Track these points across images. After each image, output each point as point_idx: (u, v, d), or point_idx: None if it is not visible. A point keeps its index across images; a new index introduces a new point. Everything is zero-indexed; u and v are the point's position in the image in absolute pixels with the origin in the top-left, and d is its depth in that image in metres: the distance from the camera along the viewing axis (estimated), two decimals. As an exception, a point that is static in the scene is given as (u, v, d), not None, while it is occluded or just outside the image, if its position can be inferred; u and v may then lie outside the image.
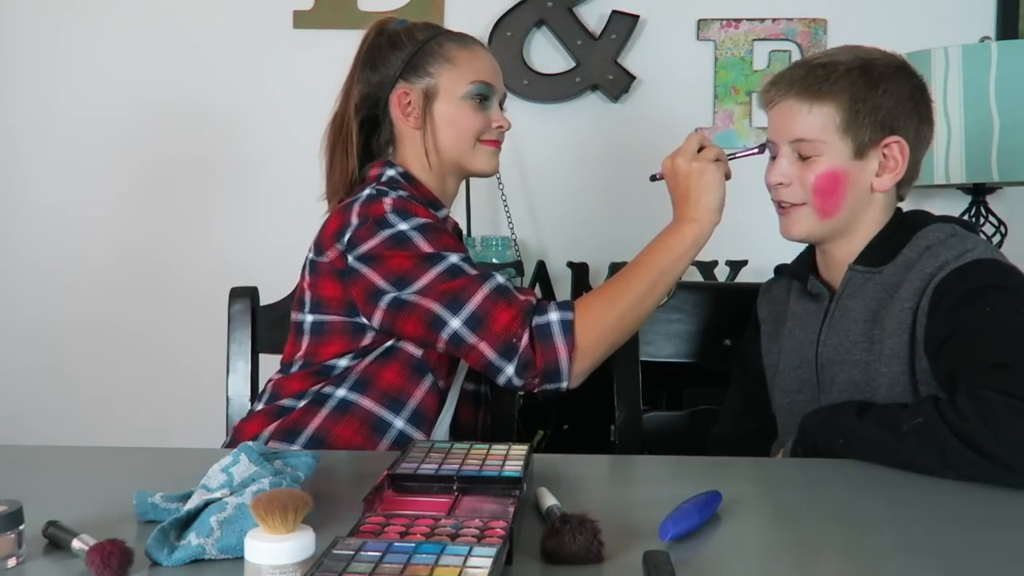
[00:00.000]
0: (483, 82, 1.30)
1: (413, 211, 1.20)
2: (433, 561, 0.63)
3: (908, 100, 1.16)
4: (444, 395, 1.26)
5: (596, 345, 1.15)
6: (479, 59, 1.32)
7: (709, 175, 1.21)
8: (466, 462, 0.87)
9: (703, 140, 1.24)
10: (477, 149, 1.32)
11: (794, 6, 2.21)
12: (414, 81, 1.30)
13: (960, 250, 1.10)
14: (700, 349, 1.53)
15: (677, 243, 1.21)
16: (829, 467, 1.01)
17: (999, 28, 2.19)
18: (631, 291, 1.17)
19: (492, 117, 1.33)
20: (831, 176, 1.16)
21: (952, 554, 0.75)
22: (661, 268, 1.18)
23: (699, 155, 1.23)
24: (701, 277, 2.04)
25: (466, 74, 1.30)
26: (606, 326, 1.15)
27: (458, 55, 1.30)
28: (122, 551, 0.69)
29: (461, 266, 1.17)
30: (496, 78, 1.34)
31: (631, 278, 1.18)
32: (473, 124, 1.30)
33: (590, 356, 1.15)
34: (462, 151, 1.31)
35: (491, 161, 1.34)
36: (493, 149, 1.34)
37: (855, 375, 1.15)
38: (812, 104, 1.15)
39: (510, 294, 1.16)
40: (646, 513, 0.81)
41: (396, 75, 1.30)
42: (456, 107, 1.30)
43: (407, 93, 1.30)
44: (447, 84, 1.29)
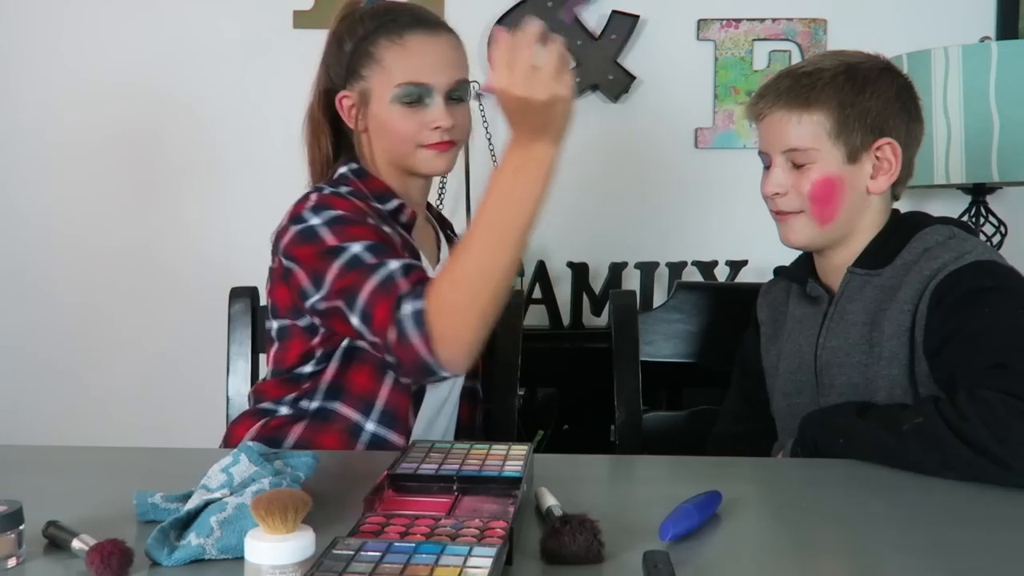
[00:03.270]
0: (411, 83, 1.20)
1: (332, 204, 1.16)
2: (433, 561, 0.63)
3: (895, 100, 1.17)
4: (416, 393, 1.22)
5: (456, 332, 1.01)
6: (411, 54, 1.21)
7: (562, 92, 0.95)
8: (466, 462, 0.87)
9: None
10: (418, 154, 1.23)
11: (794, 6, 2.21)
12: (352, 84, 1.24)
13: (958, 252, 1.10)
14: (700, 349, 1.53)
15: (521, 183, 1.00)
16: (829, 467, 1.01)
17: (999, 28, 2.19)
18: (475, 260, 1.00)
19: (428, 119, 1.21)
20: (826, 183, 1.16)
21: (952, 554, 0.75)
22: (504, 222, 1.00)
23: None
24: (701, 277, 2.04)
25: (393, 76, 1.21)
26: (460, 308, 1.01)
27: (386, 55, 1.21)
28: (122, 551, 0.69)
29: (360, 257, 1.09)
30: (435, 71, 1.21)
31: (471, 245, 1.01)
32: (404, 130, 1.21)
33: (454, 342, 1.01)
34: (402, 156, 1.24)
35: (436, 164, 1.24)
36: (435, 153, 1.23)
37: (854, 377, 1.15)
38: (801, 113, 1.16)
39: (391, 285, 1.06)
40: (646, 513, 0.81)
41: (343, 76, 1.25)
42: (386, 112, 1.22)
43: (348, 96, 1.25)
44: (377, 88, 1.22)
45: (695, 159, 2.25)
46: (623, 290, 1.57)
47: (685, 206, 2.26)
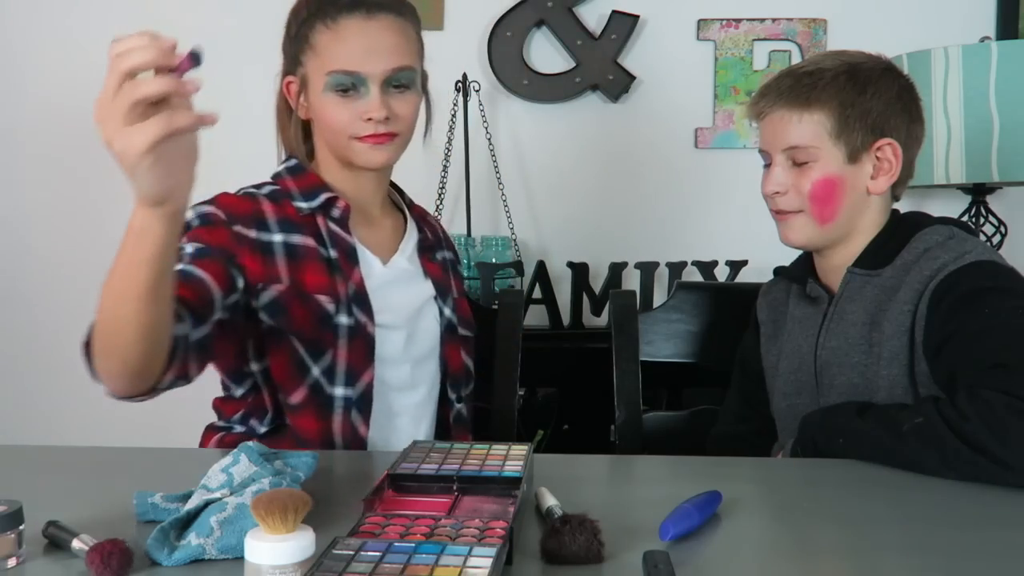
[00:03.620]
0: (343, 71, 1.13)
1: (214, 201, 1.14)
2: (433, 561, 0.63)
3: (896, 101, 1.17)
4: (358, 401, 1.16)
5: (98, 367, 0.93)
6: (343, 40, 1.14)
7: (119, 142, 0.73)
8: (466, 462, 0.87)
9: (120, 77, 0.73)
10: (352, 146, 1.17)
11: (794, 6, 2.21)
12: (294, 71, 1.21)
13: (958, 252, 1.10)
14: (700, 349, 1.53)
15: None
16: (829, 467, 1.01)
17: (999, 28, 2.19)
18: (101, 309, 0.89)
19: (361, 109, 1.15)
20: (827, 182, 1.16)
21: (952, 554, 0.75)
22: (112, 277, 0.86)
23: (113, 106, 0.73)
24: (701, 277, 2.04)
25: (324, 63, 1.15)
26: (97, 349, 0.92)
27: (320, 40, 1.15)
28: (122, 551, 0.69)
29: (180, 256, 1.05)
30: (368, 59, 1.14)
31: (102, 292, 0.88)
32: (336, 120, 1.16)
33: (103, 377, 0.94)
34: (338, 147, 1.19)
35: (371, 157, 1.18)
36: (369, 145, 1.17)
37: (854, 378, 1.15)
38: (802, 112, 1.16)
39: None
40: (646, 513, 0.81)
41: (288, 63, 1.22)
42: (320, 101, 1.17)
43: (291, 83, 1.22)
44: (312, 75, 1.17)
45: (695, 159, 2.25)
46: (623, 290, 1.57)
47: (685, 206, 2.26)
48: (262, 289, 1.13)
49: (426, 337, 1.26)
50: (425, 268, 1.30)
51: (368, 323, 1.17)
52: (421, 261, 1.30)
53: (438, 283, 1.30)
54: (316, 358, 1.15)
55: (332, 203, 1.20)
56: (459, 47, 2.23)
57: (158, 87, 0.72)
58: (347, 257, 1.19)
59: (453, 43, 2.23)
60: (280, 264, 1.15)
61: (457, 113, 2.14)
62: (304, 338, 1.14)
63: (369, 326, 1.17)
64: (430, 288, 1.28)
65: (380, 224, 1.28)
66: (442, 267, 1.34)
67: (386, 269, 1.24)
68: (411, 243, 1.30)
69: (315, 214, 1.20)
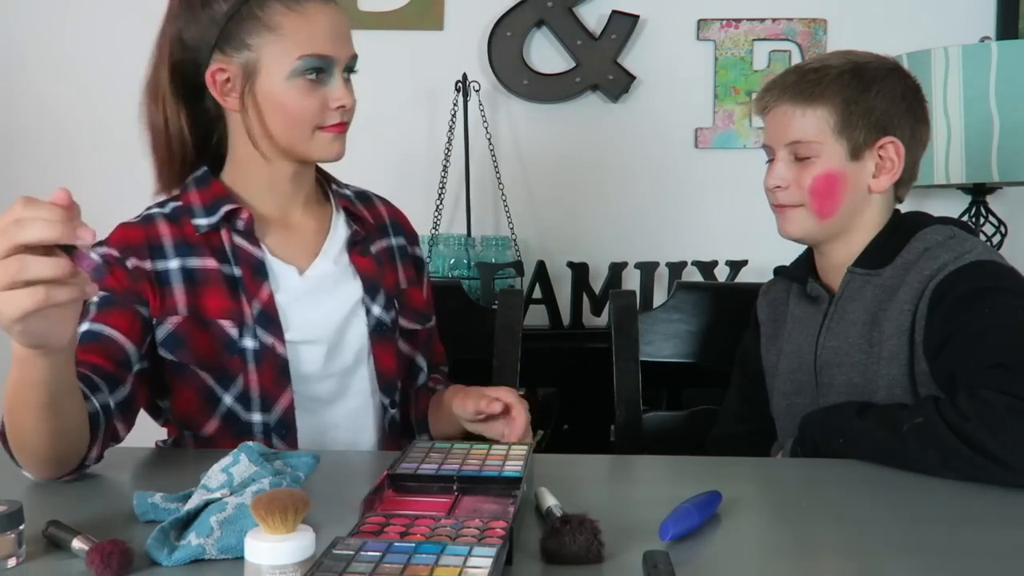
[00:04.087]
0: (316, 55, 1.07)
1: (107, 240, 1.09)
2: (433, 561, 0.63)
3: (901, 101, 1.17)
4: (279, 424, 1.11)
5: (13, 447, 0.90)
6: (312, 22, 1.07)
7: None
8: (466, 462, 0.87)
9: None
10: (316, 137, 1.10)
11: (794, 6, 2.21)
12: (231, 54, 1.07)
13: (958, 252, 1.10)
14: (700, 349, 1.53)
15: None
16: (829, 467, 1.01)
17: (999, 28, 2.19)
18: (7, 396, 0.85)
19: (331, 96, 1.10)
20: (828, 177, 1.16)
21: (952, 554, 0.75)
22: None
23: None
24: (701, 277, 2.04)
25: (294, 46, 1.06)
26: (7, 429, 0.89)
27: (284, 21, 1.06)
28: (122, 551, 0.69)
29: (87, 308, 1.04)
30: (337, 43, 1.09)
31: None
32: (305, 109, 1.08)
33: (16, 455, 0.90)
34: (295, 139, 1.10)
35: (333, 148, 1.12)
36: (333, 136, 1.11)
37: (854, 377, 1.15)
38: (806, 107, 1.16)
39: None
40: (646, 513, 0.81)
41: (212, 44, 1.07)
42: (283, 88, 1.07)
43: (223, 69, 1.08)
44: (270, 59, 1.07)
45: (695, 159, 2.25)
46: (623, 290, 1.57)
47: (685, 206, 2.26)
48: (158, 324, 1.08)
49: (352, 345, 1.18)
50: (355, 266, 1.20)
51: (277, 343, 1.10)
52: (351, 258, 1.21)
53: (367, 279, 1.20)
54: (226, 386, 1.09)
55: (234, 215, 1.12)
56: (459, 47, 2.23)
57: (47, 271, 0.70)
58: (254, 273, 1.12)
59: (453, 43, 2.23)
60: (177, 293, 1.09)
61: (457, 113, 2.13)
62: (209, 367, 1.09)
63: (278, 347, 1.10)
64: (358, 289, 1.19)
65: (300, 228, 1.19)
66: (376, 260, 1.23)
67: (302, 280, 1.15)
68: (337, 242, 1.20)
69: (218, 229, 1.12)
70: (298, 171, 1.16)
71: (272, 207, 1.17)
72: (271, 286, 1.12)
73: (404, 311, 1.25)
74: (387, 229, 1.30)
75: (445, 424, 1.23)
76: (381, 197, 1.35)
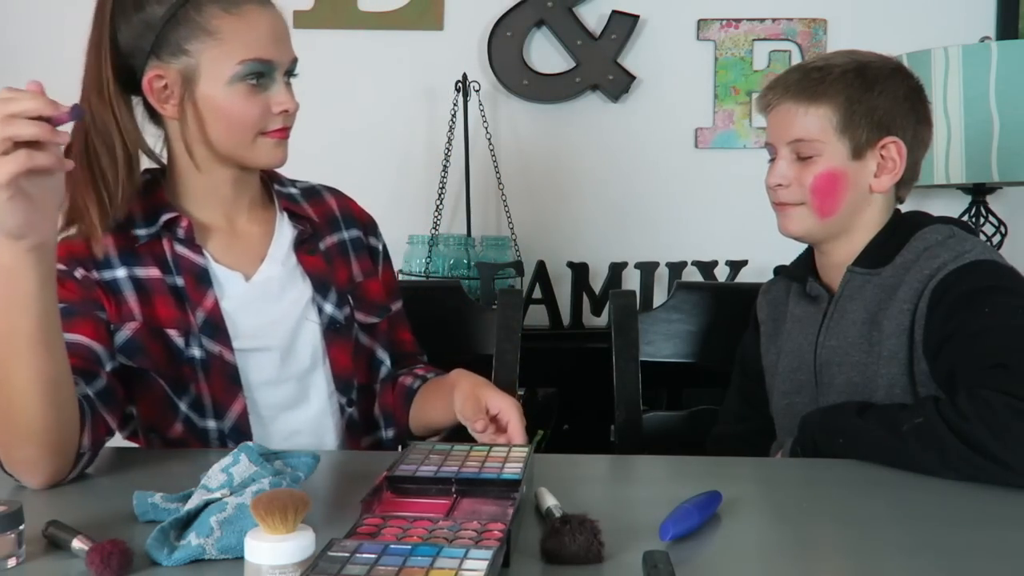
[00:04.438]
0: (257, 59, 1.04)
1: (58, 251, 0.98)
2: (428, 564, 0.63)
3: (904, 101, 1.17)
4: (193, 439, 1.10)
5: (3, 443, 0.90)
6: (252, 26, 1.04)
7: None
8: (465, 464, 0.87)
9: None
10: (258, 143, 1.08)
11: (794, 6, 2.21)
12: (168, 60, 1.04)
13: (958, 251, 1.10)
14: (700, 349, 1.53)
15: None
16: (829, 467, 1.01)
17: (999, 28, 2.19)
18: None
19: (273, 100, 1.07)
20: (829, 176, 1.16)
21: (952, 554, 0.75)
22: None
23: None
24: (701, 277, 2.04)
25: (234, 50, 1.04)
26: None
27: (223, 25, 1.03)
28: (122, 551, 0.69)
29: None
30: (277, 46, 1.06)
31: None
32: (247, 114, 1.06)
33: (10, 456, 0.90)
34: (237, 146, 1.08)
35: (275, 155, 1.10)
36: (275, 141, 1.09)
37: (853, 376, 1.15)
38: (809, 106, 1.16)
39: None
40: (646, 513, 0.81)
41: (147, 50, 1.04)
42: (223, 94, 1.05)
43: (161, 76, 1.05)
44: (210, 65, 1.04)
45: (695, 159, 2.25)
46: (623, 290, 1.57)
47: (685, 206, 2.26)
48: (116, 330, 1.06)
49: (306, 347, 1.16)
50: (303, 266, 1.18)
51: (224, 351, 1.09)
52: (298, 259, 1.18)
53: (317, 278, 1.18)
54: (180, 394, 1.09)
55: (174, 223, 1.10)
56: (459, 47, 2.23)
57: (31, 130, 0.77)
58: (197, 281, 1.09)
59: (453, 43, 2.23)
60: (131, 300, 1.07)
61: (457, 113, 2.13)
62: (164, 374, 1.08)
63: (226, 354, 1.09)
64: (308, 289, 1.17)
65: (245, 233, 1.16)
66: (325, 257, 1.21)
67: (249, 286, 1.13)
68: (282, 245, 1.18)
69: (159, 238, 1.10)
70: (239, 177, 1.14)
71: (214, 214, 1.14)
72: (216, 294, 1.10)
73: (360, 305, 1.23)
74: (338, 222, 1.26)
75: (441, 409, 1.18)
76: (331, 188, 1.31)
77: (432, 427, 1.24)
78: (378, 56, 2.25)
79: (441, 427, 1.22)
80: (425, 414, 1.24)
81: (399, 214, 2.22)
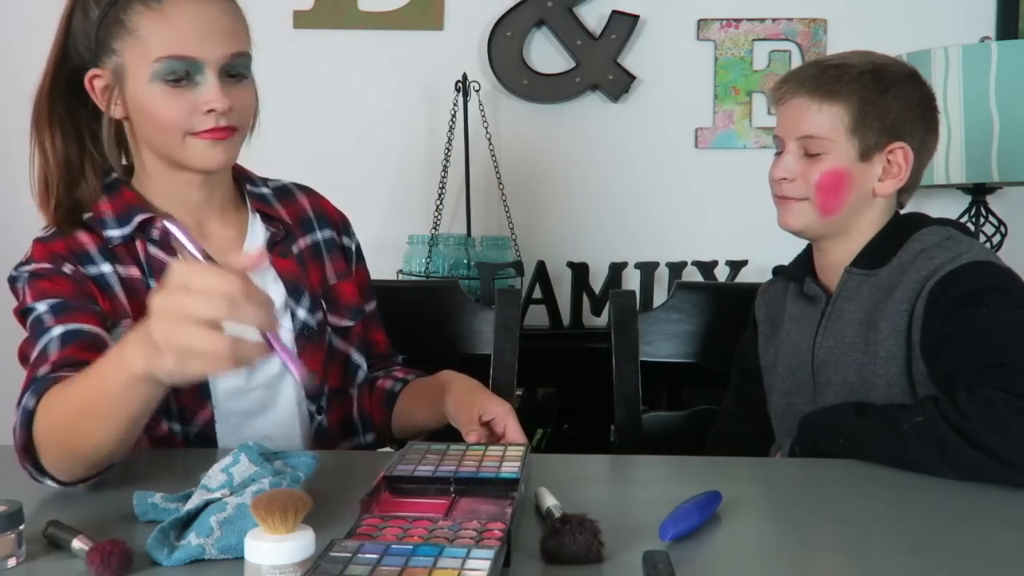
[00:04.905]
0: (174, 57, 0.99)
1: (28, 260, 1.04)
2: (431, 564, 0.63)
3: (916, 108, 1.17)
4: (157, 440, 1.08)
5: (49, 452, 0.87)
6: (171, 22, 0.99)
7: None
8: (463, 463, 0.87)
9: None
10: (188, 144, 1.03)
11: (794, 6, 2.21)
12: (104, 61, 1.03)
13: (955, 252, 1.10)
14: (700, 349, 1.53)
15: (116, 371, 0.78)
16: (829, 467, 1.01)
17: (999, 28, 2.19)
18: (73, 401, 0.84)
19: (199, 100, 1.01)
20: (835, 175, 1.16)
21: (952, 554, 0.75)
22: (92, 393, 0.82)
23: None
24: (701, 277, 2.04)
25: (152, 48, 0.99)
26: (54, 437, 0.86)
27: (141, 22, 1.00)
28: (122, 551, 0.69)
29: (40, 318, 0.99)
30: (205, 43, 1.00)
31: (75, 385, 0.84)
32: (168, 115, 1.01)
33: (49, 460, 0.87)
34: (168, 147, 1.04)
35: (210, 156, 1.04)
36: (209, 142, 1.03)
37: (850, 376, 1.15)
38: (822, 103, 1.16)
39: (34, 366, 0.95)
40: (646, 513, 0.81)
41: (92, 52, 1.04)
42: (144, 93, 1.01)
43: (99, 76, 1.04)
44: (133, 64, 1.01)
45: (695, 159, 2.25)
46: (623, 290, 1.57)
47: (685, 206, 2.26)
48: (111, 327, 1.03)
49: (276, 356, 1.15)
50: (275, 269, 1.15)
51: None
52: (271, 261, 1.15)
53: (290, 282, 1.15)
54: None
55: (149, 224, 1.07)
56: (459, 47, 2.23)
57: (252, 352, 0.69)
58: None
59: (453, 43, 2.23)
60: (121, 297, 1.05)
61: (457, 113, 2.13)
62: None
63: None
64: (281, 293, 1.14)
65: (218, 236, 1.14)
66: (298, 260, 1.18)
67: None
68: (254, 248, 1.13)
69: (133, 240, 1.07)
70: (206, 179, 1.10)
71: (184, 216, 1.11)
72: None
73: (334, 308, 1.20)
74: (311, 223, 1.23)
75: (428, 411, 1.17)
76: (304, 187, 1.28)
77: (417, 429, 1.22)
78: (378, 56, 2.25)
79: (427, 429, 1.20)
80: (410, 416, 1.22)
81: (399, 214, 2.23)
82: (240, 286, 0.68)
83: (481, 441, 1.02)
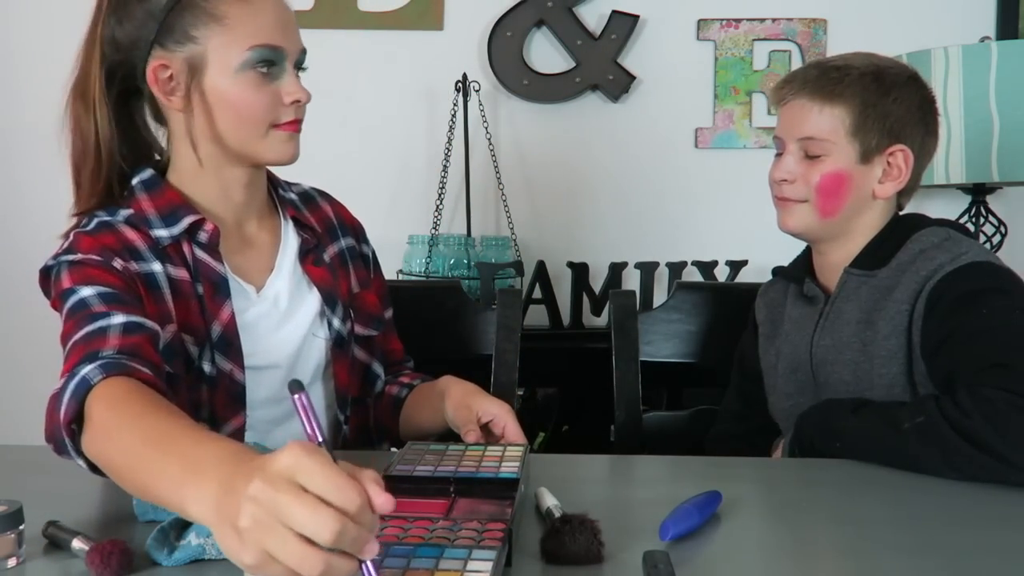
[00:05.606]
0: (267, 46, 1.00)
1: (72, 249, 0.98)
2: (433, 564, 0.63)
3: (917, 110, 1.17)
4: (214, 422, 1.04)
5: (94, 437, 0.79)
6: (260, 12, 1.00)
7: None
8: (462, 463, 0.87)
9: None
10: (270, 136, 1.03)
11: (794, 6, 2.21)
12: (173, 48, 1.00)
13: (954, 253, 1.10)
14: (700, 349, 1.53)
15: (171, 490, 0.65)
16: (829, 467, 1.01)
17: (999, 28, 2.19)
18: (124, 451, 0.74)
19: (284, 90, 1.02)
20: (836, 177, 1.16)
21: (952, 554, 0.75)
22: (140, 481, 0.71)
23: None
24: (701, 277, 2.04)
25: (243, 36, 0.99)
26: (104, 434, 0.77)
27: (231, 10, 0.99)
28: (122, 551, 0.69)
29: (85, 301, 0.92)
30: (286, 34, 1.02)
31: (121, 443, 0.74)
32: (258, 104, 1.01)
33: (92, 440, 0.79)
34: (248, 139, 1.03)
35: (287, 149, 1.04)
36: (288, 135, 1.04)
37: (847, 376, 1.15)
38: (824, 104, 1.16)
39: (98, 338, 0.88)
40: (646, 513, 0.81)
41: (150, 39, 1.00)
42: (232, 82, 1.00)
43: (166, 65, 1.00)
44: (218, 52, 0.99)
45: (695, 159, 2.25)
46: (623, 290, 1.57)
47: (685, 206, 2.26)
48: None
49: (310, 363, 1.12)
50: (309, 276, 1.14)
51: (235, 370, 1.03)
52: (304, 269, 1.14)
53: (325, 290, 1.14)
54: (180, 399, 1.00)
55: (198, 226, 1.04)
56: (459, 47, 2.23)
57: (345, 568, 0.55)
58: (216, 291, 1.03)
59: (453, 43, 2.23)
60: (168, 299, 1.01)
61: (457, 113, 2.14)
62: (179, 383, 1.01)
63: (236, 374, 1.04)
64: (316, 301, 1.13)
65: (256, 242, 1.12)
66: (329, 268, 1.17)
67: (260, 299, 1.08)
68: (289, 255, 1.13)
69: (179, 241, 1.04)
70: (252, 178, 1.09)
71: (226, 216, 1.09)
72: (232, 306, 1.04)
73: (359, 317, 1.19)
74: (335, 231, 1.22)
75: (430, 415, 1.16)
76: (322, 192, 1.26)
77: (422, 433, 1.22)
78: (378, 56, 2.25)
79: (431, 433, 1.20)
80: (414, 421, 1.22)
81: (399, 214, 2.23)
82: (359, 508, 0.55)
83: (480, 441, 1.02)
